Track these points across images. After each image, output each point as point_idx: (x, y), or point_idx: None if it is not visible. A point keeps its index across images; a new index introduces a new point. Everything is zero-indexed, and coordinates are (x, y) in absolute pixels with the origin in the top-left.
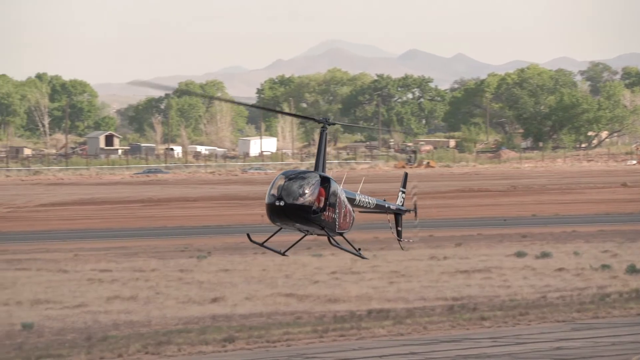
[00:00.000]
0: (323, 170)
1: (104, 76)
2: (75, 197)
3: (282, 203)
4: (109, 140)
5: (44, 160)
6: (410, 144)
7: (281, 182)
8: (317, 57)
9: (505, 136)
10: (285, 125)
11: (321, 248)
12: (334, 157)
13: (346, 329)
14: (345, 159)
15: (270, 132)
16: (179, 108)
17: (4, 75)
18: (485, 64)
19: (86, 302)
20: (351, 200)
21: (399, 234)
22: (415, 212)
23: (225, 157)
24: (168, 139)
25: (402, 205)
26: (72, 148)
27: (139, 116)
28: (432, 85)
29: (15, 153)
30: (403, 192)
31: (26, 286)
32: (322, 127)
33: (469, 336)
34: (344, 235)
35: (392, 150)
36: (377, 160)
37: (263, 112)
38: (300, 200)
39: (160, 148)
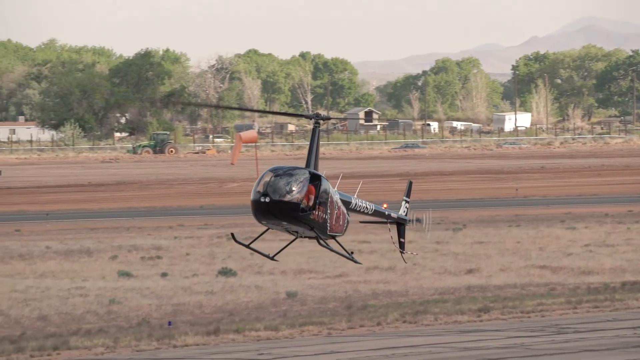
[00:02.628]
0: (315, 168)
1: (364, 54)
2: (336, 171)
3: (267, 199)
4: (368, 116)
5: (306, 136)
6: None
7: (268, 178)
8: (572, 33)
9: None
10: (540, 100)
11: (574, 221)
12: (587, 132)
13: (600, 300)
14: (599, 134)
15: (525, 107)
16: (435, 85)
17: (269, 55)
18: None
19: (346, 272)
20: (346, 203)
21: (401, 245)
22: (417, 221)
23: (480, 132)
24: (425, 114)
25: (406, 215)
26: (333, 124)
27: (397, 93)
28: None
29: (279, 129)
30: (407, 202)
31: (290, 256)
32: (314, 123)
33: None
34: (337, 239)
35: None
36: (631, 135)
37: (518, 87)
38: (287, 197)
39: (417, 124)
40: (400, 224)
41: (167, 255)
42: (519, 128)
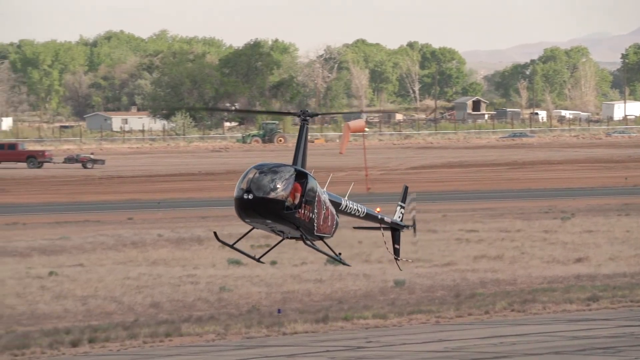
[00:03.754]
0: (302, 166)
1: (472, 44)
2: (444, 160)
3: (250, 196)
4: (476, 105)
5: (414, 125)
6: None
7: (251, 174)
8: None
9: None
10: None
11: None
12: None
13: None
14: None
15: (635, 96)
16: (543, 74)
17: (377, 44)
18: None
19: (454, 260)
20: (336, 205)
21: (396, 251)
22: (414, 228)
23: (588, 121)
24: (533, 103)
25: (401, 220)
26: (441, 113)
27: (504, 82)
28: None
29: (387, 118)
30: (402, 207)
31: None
32: (301, 120)
33: None
34: (325, 240)
35: None
36: None
37: (627, 76)
38: (272, 195)
39: (525, 112)
40: (395, 230)
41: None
42: (628, 117)
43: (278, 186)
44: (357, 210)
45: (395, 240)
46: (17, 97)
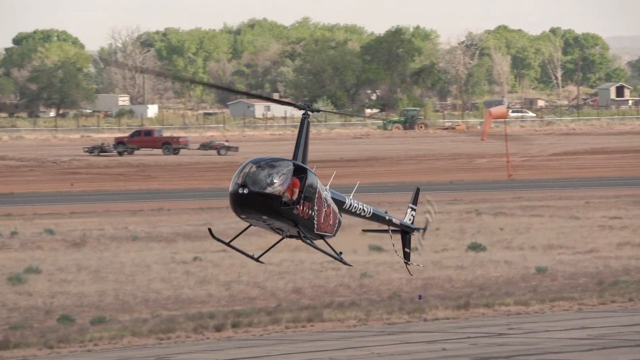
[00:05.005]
0: (303, 162)
1: (616, 29)
2: (587, 147)
3: (245, 191)
4: (619, 91)
5: (556, 111)
6: None
7: (248, 169)
8: None
9: None
10: None
11: None
12: None
13: None
14: None
15: None
16: None
17: (519, 30)
18: None
19: (597, 247)
20: (339, 203)
21: (406, 255)
22: (425, 230)
23: None
24: None
25: (412, 223)
26: (584, 99)
27: None
28: None
29: (529, 104)
30: (413, 210)
31: (540, 232)
32: (303, 114)
33: None
34: (326, 239)
35: None
36: None
37: None
38: (268, 189)
39: None
40: (406, 233)
41: None
42: None
43: (275, 181)
44: (363, 210)
45: (405, 243)
46: (162, 84)
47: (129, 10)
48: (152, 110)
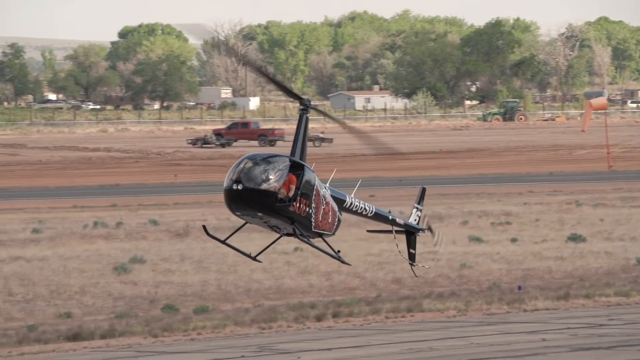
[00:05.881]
0: (301, 159)
1: None
2: None
3: (239, 187)
4: None
5: None
6: None
7: (242, 164)
8: None
9: None
10: None
11: None
12: None
13: None
14: None
15: None
16: None
17: (620, 22)
18: None
19: None
20: (339, 201)
21: (411, 256)
22: (431, 231)
23: None
24: None
25: (418, 224)
26: None
27: None
28: None
29: (629, 96)
30: (419, 210)
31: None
32: (302, 110)
33: None
34: (325, 238)
35: None
36: None
37: None
38: (264, 186)
39: None
40: (411, 233)
41: (517, 221)
42: None
43: (270, 177)
44: (365, 209)
45: (410, 244)
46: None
47: (231, 4)
48: (254, 102)
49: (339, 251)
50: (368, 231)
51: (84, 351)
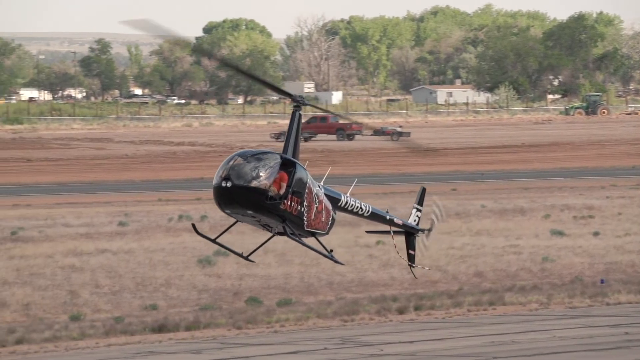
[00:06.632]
0: (294, 156)
1: None
2: None
3: (228, 184)
4: None
5: None
6: None
7: (232, 161)
8: None
9: None
10: None
11: None
12: None
13: None
14: None
15: None
16: None
17: None
18: None
19: None
20: (334, 200)
21: (410, 257)
22: (430, 231)
23: None
24: None
25: (417, 225)
26: None
27: None
28: None
29: None
30: (418, 210)
31: None
32: (295, 107)
33: None
34: (318, 237)
35: None
36: None
37: None
38: (253, 183)
39: None
40: (410, 234)
41: (599, 215)
42: None
43: (260, 174)
44: (361, 208)
45: (410, 245)
46: (346, 71)
47: None
48: (337, 97)
49: (331, 250)
50: (367, 232)
51: (169, 342)
